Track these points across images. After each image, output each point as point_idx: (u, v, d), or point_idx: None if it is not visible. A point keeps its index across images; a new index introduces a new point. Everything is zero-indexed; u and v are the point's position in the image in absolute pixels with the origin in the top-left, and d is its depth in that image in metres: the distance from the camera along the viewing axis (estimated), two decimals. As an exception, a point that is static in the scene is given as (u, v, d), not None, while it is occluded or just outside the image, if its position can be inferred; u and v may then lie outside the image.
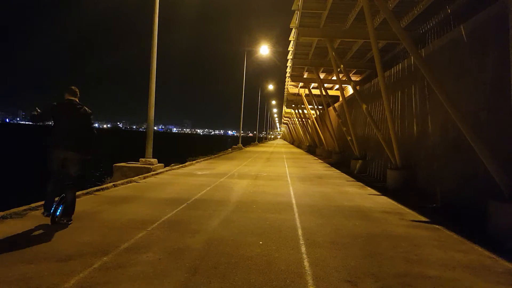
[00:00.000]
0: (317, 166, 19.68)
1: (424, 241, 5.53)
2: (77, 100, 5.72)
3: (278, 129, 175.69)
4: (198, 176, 12.57)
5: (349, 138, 18.98)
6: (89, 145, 5.74)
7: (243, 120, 40.50)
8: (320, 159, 26.90)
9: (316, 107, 35.26)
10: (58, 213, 5.42)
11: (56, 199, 5.54)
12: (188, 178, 11.75)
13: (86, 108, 5.72)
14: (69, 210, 5.55)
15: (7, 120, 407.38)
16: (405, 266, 4.39)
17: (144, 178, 11.15)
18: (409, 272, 4.19)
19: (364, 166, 16.76)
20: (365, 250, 4.91)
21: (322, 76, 24.45)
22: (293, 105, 43.89)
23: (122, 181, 10.21)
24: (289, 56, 22.48)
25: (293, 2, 14.24)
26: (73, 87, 5.73)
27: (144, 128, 13.37)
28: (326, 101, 27.08)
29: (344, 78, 19.92)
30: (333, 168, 18.43)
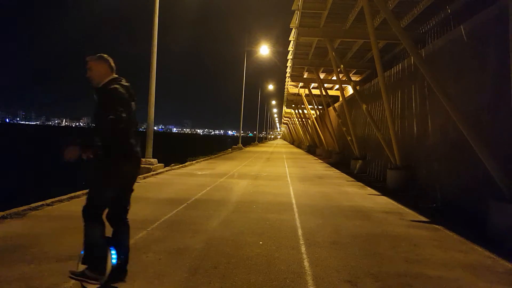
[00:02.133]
0: (317, 166, 19.68)
1: (424, 241, 5.53)
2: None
3: (278, 129, 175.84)
4: (198, 176, 12.57)
5: (349, 138, 18.98)
6: None
7: (243, 120, 40.54)
8: (320, 159, 26.91)
9: (316, 107, 35.25)
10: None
11: None
12: (188, 178, 11.75)
13: None
14: (127, 262, 3.44)
15: (7, 120, 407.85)
16: (405, 266, 4.39)
17: (144, 178, 11.15)
18: (409, 272, 4.19)
19: (364, 166, 16.77)
20: (365, 250, 4.91)
21: (322, 76, 24.45)
22: (293, 105, 43.88)
23: (122, 181, 10.21)
24: (289, 56, 22.47)
25: (293, 2, 14.24)
26: (106, 56, 3.40)
27: (144, 128, 13.34)
28: (326, 101, 27.09)
29: (344, 78, 19.91)
30: (333, 168, 18.43)
